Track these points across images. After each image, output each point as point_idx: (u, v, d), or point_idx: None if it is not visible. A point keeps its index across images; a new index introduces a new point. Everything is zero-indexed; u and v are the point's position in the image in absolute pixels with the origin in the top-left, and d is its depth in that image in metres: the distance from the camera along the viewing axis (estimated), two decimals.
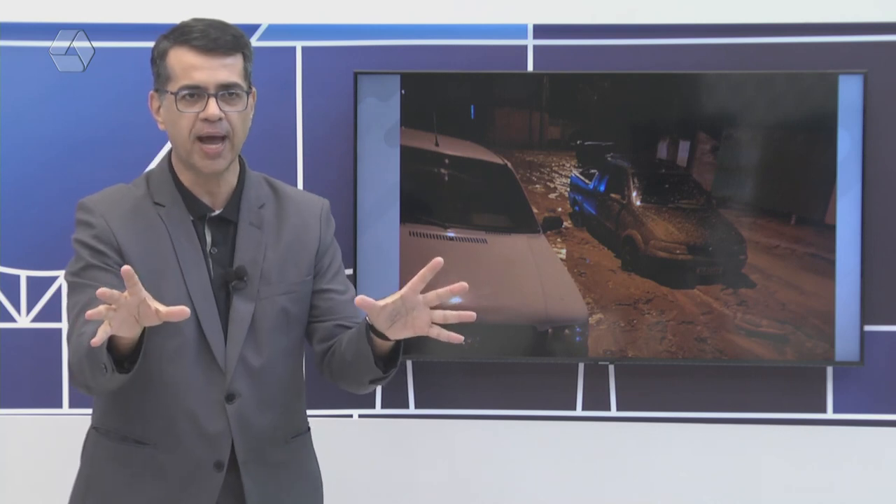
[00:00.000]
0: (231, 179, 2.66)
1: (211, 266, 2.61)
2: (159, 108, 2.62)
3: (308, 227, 2.74)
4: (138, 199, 2.62)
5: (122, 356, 2.42)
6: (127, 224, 2.58)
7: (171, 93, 2.57)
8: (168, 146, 3.76)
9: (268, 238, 2.65)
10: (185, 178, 2.63)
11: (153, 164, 3.79)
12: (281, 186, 2.76)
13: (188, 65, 2.57)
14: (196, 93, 2.56)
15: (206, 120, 2.55)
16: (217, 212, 2.64)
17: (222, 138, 2.57)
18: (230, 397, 2.61)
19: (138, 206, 2.61)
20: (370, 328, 2.56)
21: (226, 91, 2.57)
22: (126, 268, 2.29)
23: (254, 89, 2.65)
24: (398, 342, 2.59)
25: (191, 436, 2.59)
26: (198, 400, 2.59)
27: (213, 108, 2.55)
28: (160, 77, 2.61)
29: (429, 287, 2.46)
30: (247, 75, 2.62)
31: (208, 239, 2.63)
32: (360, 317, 2.73)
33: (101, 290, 2.27)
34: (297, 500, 2.75)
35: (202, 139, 2.56)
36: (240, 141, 2.62)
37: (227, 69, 2.58)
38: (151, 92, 2.64)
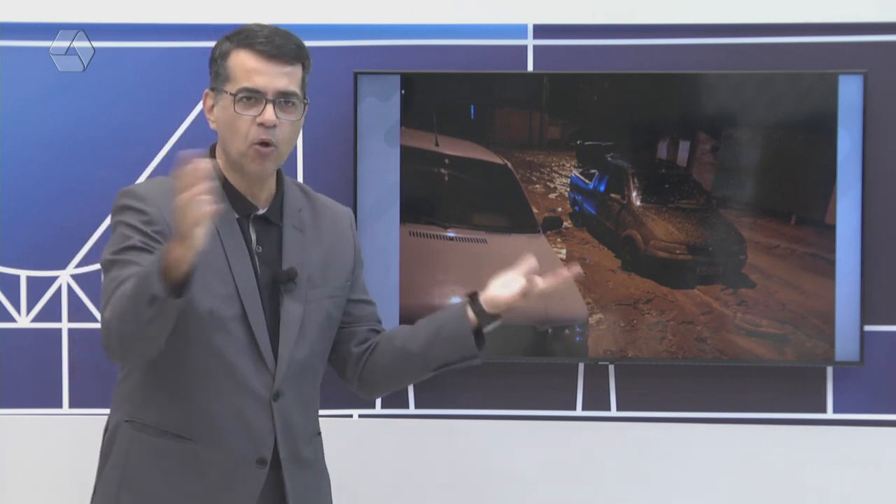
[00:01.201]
0: (272, 183, 2.68)
1: (257, 264, 2.62)
2: (213, 107, 2.63)
3: (343, 234, 2.78)
4: None
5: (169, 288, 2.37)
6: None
7: (230, 93, 2.58)
8: (168, 139, 3.80)
9: (310, 242, 2.68)
10: (231, 177, 2.63)
11: (154, 164, 3.79)
12: (311, 192, 2.80)
13: (250, 68, 2.58)
14: (254, 97, 2.57)
15: (261, 125, 2.57)
16: (262, 211, 2.65)
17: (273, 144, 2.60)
18: (276, 395, 2.62)
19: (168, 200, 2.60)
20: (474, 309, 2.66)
21: (283, 99, 2.59)
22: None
23: (308, 100, 2.66)
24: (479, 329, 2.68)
25: (236, 432, 2.59)
26: (245, 397, 2.59)
27: (269, 113, 2.57)
28: (218, 77, 2.61)
29: (429, 286, 2.45)
30: (303, 85, 2.65)
31: (252, 237, 2.64)
32: (381, 323, 2.82)
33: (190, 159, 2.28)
34: (322, 498, 2.78)
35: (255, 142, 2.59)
36: (288, 149, 2.64)
37: (286, 77, 2.60)
38: (207, 90, 2.64)
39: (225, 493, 2.59)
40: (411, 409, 3.87)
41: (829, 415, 3.83)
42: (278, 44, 2.60)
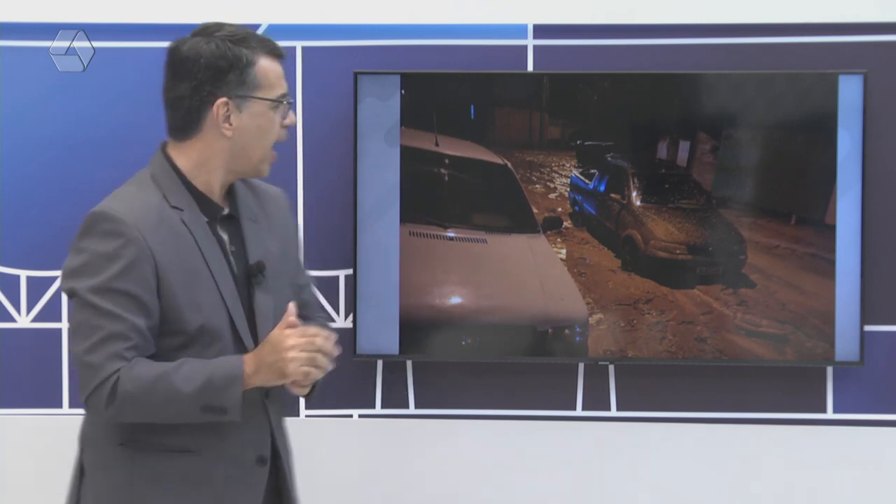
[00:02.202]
0: None
1: (233, 264, 2.62)
2: (229, 115, 2.59)
3: (287, 219, 2.81)
4: (159, 206, 2.59)
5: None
6: (158, 234, 2.54)
7: (272, 100, 2.59)
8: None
9: (264, 231, 2.69)
10: (202, 181, 2.62)
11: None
12: (249, 180, 2.78)
13: (279, 74, 2.61)
14: (286, 101, 2.63)
15: (285, 127, 2.63)
16: (226, 211, 2.66)
17: None
18: (267, 393, 2.64)
19: (162, 214, 2.58)
20: None
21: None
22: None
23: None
24: None
25: (237, 438, 2.60)
26: (252, 402, 2.61)
27: (293, 115, 2.64)
28: (244, 84, 2.58)
29: (429, 286, 2.46)
30: None
31: (225, 238, 2.64)
32: (312, 307, 2.84)
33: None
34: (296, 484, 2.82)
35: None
36: None
37: None
38: (224, 100, 2.57)
39: (232, 497, 2.61)
40: (411, 409, 3.87)
41: (829, 415, 3.83)
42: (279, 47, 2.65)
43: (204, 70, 2.59)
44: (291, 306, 2.53)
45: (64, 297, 3.83)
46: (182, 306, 2.53)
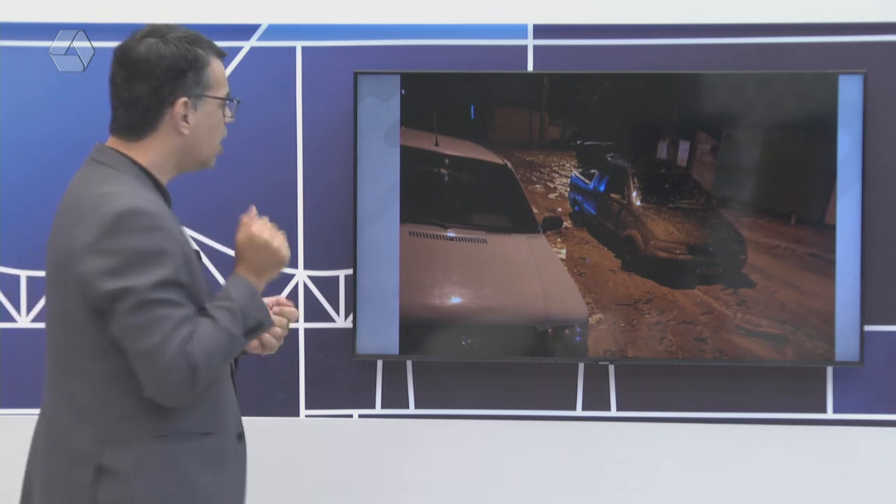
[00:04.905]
0: None
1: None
2: (186, 114, 2.64)
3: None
4: (158, 200, 2.64)
5: None
6: (175, 227, 2.61)
7: (222, 99, 2.66)
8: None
9: None
10: (163, 178, 2.68)
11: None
12: None
13: (225, 74, 2.68)
14: (235, 100, 2.71)
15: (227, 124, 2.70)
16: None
17: None
18: (234, 367, 2.71)
19: (165, 208, 2.64)
20: None
21: None
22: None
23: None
24: None
25: (231, 414, 2.65)
26: (227, 377, 2.66)
27: (231, 113, 2.70)
28: (199, 84, 2.64)
29: (429, 286, 2.45)
30: None
31: None
32: None
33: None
34: None
35: None
36: None
37: None
38: (185, 100, 2.62)
39: (238, 476, 2.66)
40: (411, 409, 3.87)
41: (829, 415, 3.83)
42: None
43: (165, 71, 2.64)
44: (253, 209, 2.65)
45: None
46: (199, 295, 2.57)
